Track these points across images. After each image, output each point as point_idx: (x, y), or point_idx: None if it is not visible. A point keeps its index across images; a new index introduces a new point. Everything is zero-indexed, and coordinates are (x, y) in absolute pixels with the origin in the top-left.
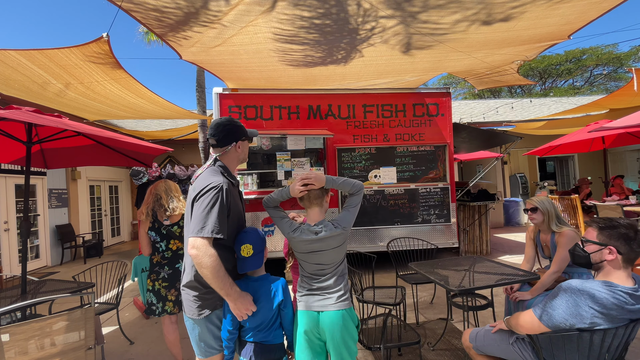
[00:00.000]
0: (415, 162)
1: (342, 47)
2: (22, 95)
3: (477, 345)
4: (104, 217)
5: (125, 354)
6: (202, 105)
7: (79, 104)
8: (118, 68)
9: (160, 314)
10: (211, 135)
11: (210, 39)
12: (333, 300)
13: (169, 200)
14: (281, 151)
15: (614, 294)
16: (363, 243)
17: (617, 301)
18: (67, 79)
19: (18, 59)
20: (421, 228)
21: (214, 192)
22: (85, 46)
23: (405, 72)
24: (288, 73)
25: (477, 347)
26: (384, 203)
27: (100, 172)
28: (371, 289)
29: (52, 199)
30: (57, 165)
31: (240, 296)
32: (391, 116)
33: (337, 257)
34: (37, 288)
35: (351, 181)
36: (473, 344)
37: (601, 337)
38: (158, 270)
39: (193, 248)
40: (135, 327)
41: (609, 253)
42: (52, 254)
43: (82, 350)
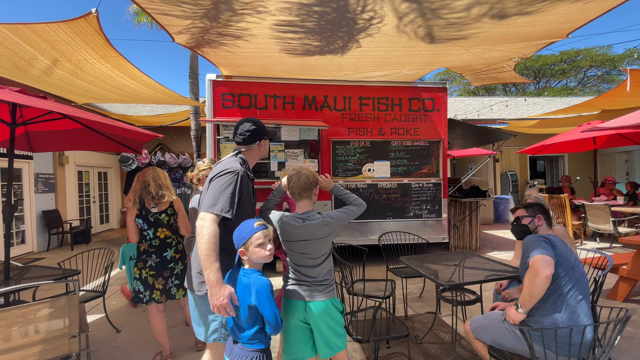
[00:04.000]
0: (409, 157)
1: (340, 37)
2: (7, 74)
3: (475, 327)
4: (92, 204)
5: (111, 342)
6: (195, 92)
7: (67, 84)
8: (108, 46)
9: (147, 302)
10: (238, 134)
11: (204, 21)
12: (319, 292)
13: (157, 188)
14: (275, 142)
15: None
16: (354, 236)
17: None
18: (55, 55)
19: (5, 32)
20: (413, 222)
21: (231, 175)
22: (74, 21)
23: (402, 64)
24: (284, 61)
25: (475, 329)
26: (376, 197)
27: (89, 157)
28: (361, 281)
29: (39, 183)
30: (43, 148)
31: (217, 285)
32: (387, 110)
33: (323, 248)
34: (21, 274)
35: (353, 196)
36: (472, 327)
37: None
38: (145, 258)
39: (201, 220)
40: (122, 315)
41: (539, 220)
42: (39, 239)
43: (66, 338)
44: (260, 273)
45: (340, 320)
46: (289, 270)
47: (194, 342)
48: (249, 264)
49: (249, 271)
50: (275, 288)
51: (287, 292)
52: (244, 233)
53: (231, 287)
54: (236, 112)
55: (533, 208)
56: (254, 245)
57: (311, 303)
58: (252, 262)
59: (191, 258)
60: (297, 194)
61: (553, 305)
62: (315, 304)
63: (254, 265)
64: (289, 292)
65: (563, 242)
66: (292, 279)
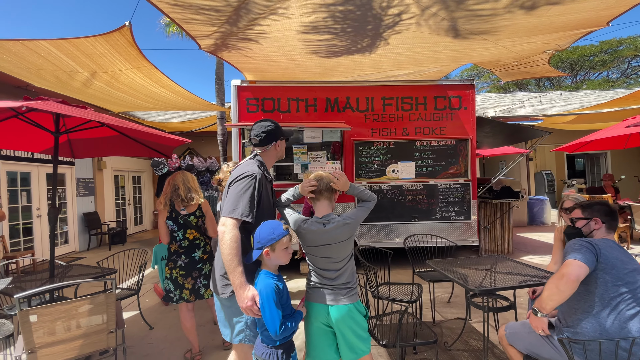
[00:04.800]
0: (435, 157)
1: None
2: (51, 87)
3: (510, 332)
4: (128, 206)
5: (145, 338)
6: (221, 97)
7: (104, 94)
8: (141, 57)
9: (177, 301)
10: (254, 135)
11: (227, 27)
12: (342, 295)
13: (186, 191)
14: (298, 144)
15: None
16: (379, 238)
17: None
18: (93, 67)
19: (48, 48)
20: (440, 225)
21: (249, 179)
22: (110, 34)
23: (427, 62)
24: (306, 63)
25: (510, 335)
26: (401, 198)
27: (124, 162)
28: (386, 285)
29: (80, 187)
30: (83, 155)
31: (240, 287)
32: (411, 109)
33: (345, 251)
34: (64, 272)
35: (368, 192)
36: (507, 332)
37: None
38: (175, 258)
39: (222, 225)
40: (155, 313)
41: (596, 224)
42: (80, 240)
43: (104, 333)
44: (271, 275)
45: (364, 324)
46: (310, 272)
47: (221, 341)
48: (266, 266)
49: (262, 272)
50: (298, 290)
51: (310, 295)
52: (274, 234)
53: (254, 288)
54: (260, 116)
55: (592, 209)
56: (281, 248)
57: (334, 307)
58: (270, 264)
59: (215, 260)
60: (318, 192)
61: (599, 316)
62: (338, 307)
63: (268, 267)
64: (312, 295)
65: (620, 248)
66: (315, 282)
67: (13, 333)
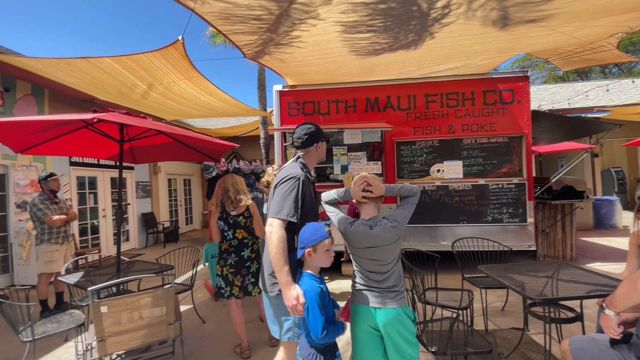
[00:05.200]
0: (485, 155)
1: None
2: (114, 99)
3: (575, 348)
4: (179, 207)
5: (198, 332)
6: (263, 102)
7: (159, 104)
8: (191, 68)
9: (228, 297)
10: (296, 138)
11: (269, 36)
12: (390, 299)
13: (235, 193)
14: (337, 145)
15: None
16: (424, 241)
17: None
18: (150, 80)
19: (111, 64)
20: (491, 228)
21: (293, 181)
22: (165, 49)
23: (474, 54)
24: (346, 64)
25: (575, 350)
26: (447, 199)
27: (176, 166)
28: (434, 290)
29: (139, 190)
30: (143, 160)
31: (286, 285)
32: (457, 105)
33: (393, 253)
34: (128, 267)
35: (408, 187)
36: (572, 347)
37: None
38: (226, 257)
39: (269, 226)
40: (205, 308)
41: None
42: (139, 238)
43: (164, 325)
44: (314, 277)
45: (413, 329)
46: (356, 274)
47: (268, 337)
48: (308, 267)
49: (305, 274)
50: (341, 291)
51: (356, 297)
52: (317, 235)
53: (300, 288)
54: (301, 119)
55: None
56: (323, 250)
57: (382, 310)
58: (312, 265)
59: (263, 258)
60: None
61: None
62: (386, 311)
63: (311, 268)
64: (358, 297)
65: None
66: (361, 284)
67: (84, 322)
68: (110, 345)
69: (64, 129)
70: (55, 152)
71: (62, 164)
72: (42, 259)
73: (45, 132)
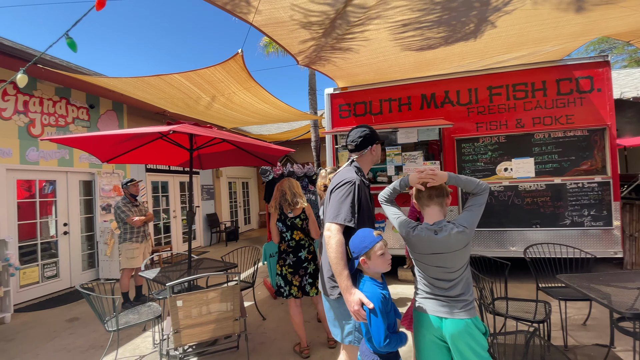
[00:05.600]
0: (560, 150)
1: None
2: (181, 111)
3: None
4: (239, 208)
5: (259, 328)
6: (313, 106)
7: (221, 114)
8: (250, 79)
9: (287, 296)
10: (350, 141)
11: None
12: (458, 309)
13: (292, 196)
14: (390, 145)
15: None
16: (490, 247)
17: None
18: (213, 92)
19: (179, 79)
20: (569, 232)
21: (348, 186)
22: (226, 62)
23: (545, 41)
24: (399, 62)
25: None
26: (517, 201)
27: (235, 171)
28: (503, 299)
29: (204, 193)
30: (209, 166)
31: (346, 290)
32: (526, 97)
33: (461, 260)
34: (197, 265)
35: (475, 180)
36: None
37: None
38: (284, 257)
39: (328, 230)
40: (265, 305)
41: None
42: (205, 236)
43: (230, 320)
44: (375, 282)
45: (484, 343)
46: (419, 281)
47: (325, 338)
48: (367, 273)
49: (365, 279)
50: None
51: (420, 305)
52: (366, 242)
53: (361, 292)
54: (352, 121)
55: None
56: (377, 255)
57: (449, 320)
58: (370, 272)
59: (322, 262)
60: (428, 197)
61: None
62: (453, 321)
63: (370, 274)
64: (422, 306)
65: None
66: (425, 292)
67: (161, 314)
68: (184, 337)
69: (143, 140)
70: (135, 160)
71: (140, 170)
72: (124, 256)
73: (127, 143)
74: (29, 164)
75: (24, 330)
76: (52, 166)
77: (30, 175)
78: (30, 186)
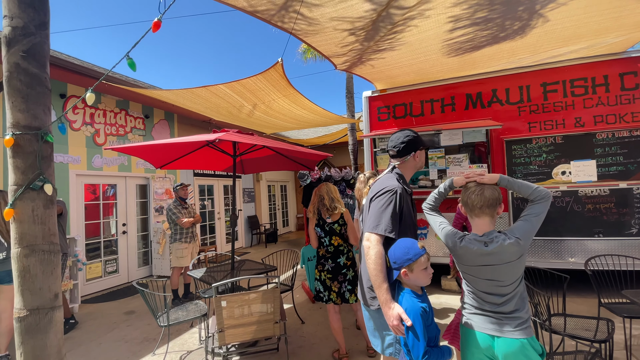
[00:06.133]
0: (627, 152)
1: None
2: (225, 119)
3: None
4: (277, 211)
5: (298, 331)
6: (351, 110)
7: (261, 121)
8: (289, 86)
9: (326, 301)
10: (392, 147)
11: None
12: (512, 327)
13: (330, 201)
14: (433, 148)
15: None
16: (545, 257)
17: None
18: (255, 100)
19: (224, 89)
20: (636, 242)
21: (389, 194)
22: (266, 72)
23: (606, 32)
24: (441, 61)
25: None
26: (576, 207)
27: (274, 174)
28: (561, 316)
29: (245, 196)
30: (251, 171)
31: (385, 304)
32: (585, 93)
33: (514, 273)
34: (240, 266)
35: (532, 185)
36: None
37: None
38: (323, 262)
39: (367, 240)
40: (304, 309)
41: None
42: (246, 238)
43: (271, 323)
44: (415, 295)
45: None
46: (467, 294)
47: (365, 346)
48: (407, 285)
49: (405, 292)
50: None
51: (468, 321)
52: (410, 254)
53: (400, 307)
54: (392, 124)
55: None
56: (420, 269)
57: (501, 339)
58: (410, 284)
59: (361, 271)
60: (479, 207)
61: None
62: (507, 341)
63: (409, 285)
64: (471, 322)
65: None
66: (474, 307)
67: (207, 312)
68: (228, 337)
69: (192, 146)
70: (185, 166)
71: (188, 175)
72: (174, 255)
73: (178, 150)
74: (94, 170)
75: (89, 320)
76: (113, 171)
77: (95, 180)
78: (95, 189)
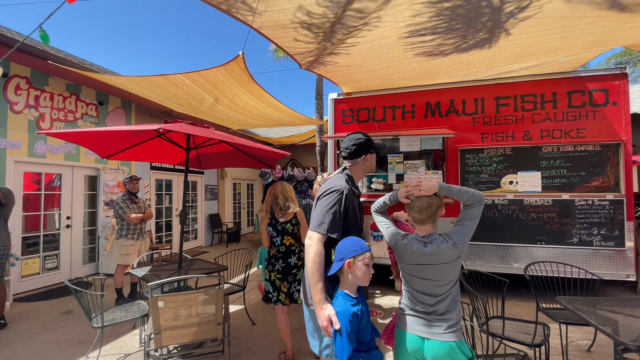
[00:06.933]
0: (570, 165)
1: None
2: (187, 111)
3: None
4: (242, 210)
5: (247, 333)
6: (320, 111)
7: (225, 116)
8: (252, 81)
9: (275, 302)
10: (344, 148)
11: (324, 44)
12: (441, 329)
13: (284, 200)
14: (393, 153)
15: None
16: (491, 262)
17: None
18: (217, 94)
19: (183, 80)
20: (576, 251)
21: (336, 194)
22: (227, 65)
23: (556, 51)
24: (404, 68)
25: None
26: (521, 216)
27: (240, 172)
28: (500, 319)
29: (207, 193)
30: (209, 166)
31: (318, 303)
32: (534, 109)
33: (450, 274)
34: (189, 265)
35: (469, 190)
36: None
37: None
38: (274, 262)
39: (308, 239)
40: (257, 310)
41: None
42: (206, 236)
43: (213, 324)
44: (348, 297)
45: None
46: (404, 295)
47: None
48: (345, 284)
49: (339, 293)
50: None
51: (402, 321)
52: (357, 247)
53: (332, 309)
54: (355, 127)
55: None
56: (363, 263)
57: (431, 342)
58: (349, 283)
59: (305, 271)
60: (420, 221)
61: None
62: (435, 343)
63: (348, 287)
64: (403, 322)
65: None
66: (408, 307)
67: (148, 313)
68: (165, 338)
69: (140, 137)
70: (135, 158)
71: (144, 168)
72: (119, 252)
73: (124, 140)
74: (37, 157)
75: (20, 319)
76: (58, 160)
77: (36, 168)
78: (39, 179)
